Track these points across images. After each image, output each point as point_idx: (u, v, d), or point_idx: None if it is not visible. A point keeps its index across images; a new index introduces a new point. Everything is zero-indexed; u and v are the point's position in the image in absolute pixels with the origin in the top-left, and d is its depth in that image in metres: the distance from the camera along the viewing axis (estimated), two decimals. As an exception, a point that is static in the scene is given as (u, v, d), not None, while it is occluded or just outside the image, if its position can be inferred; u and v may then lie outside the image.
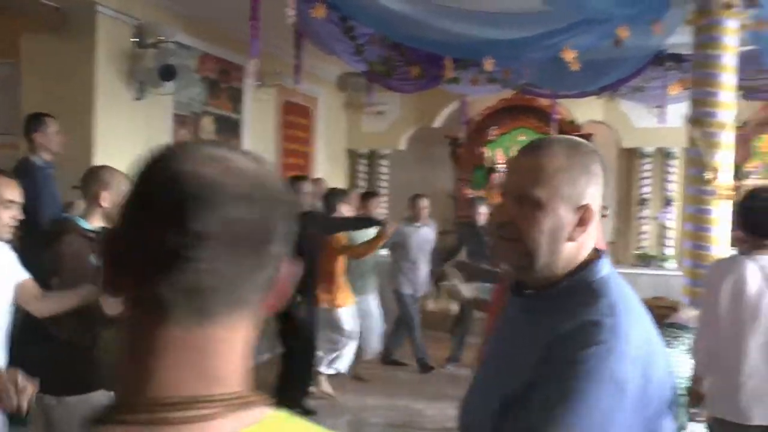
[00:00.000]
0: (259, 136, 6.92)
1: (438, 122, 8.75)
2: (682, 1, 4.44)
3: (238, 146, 0.79)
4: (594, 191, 1.30)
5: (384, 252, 6.44)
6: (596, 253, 1.33)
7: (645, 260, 8.16)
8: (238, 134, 6.63)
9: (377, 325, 6.20)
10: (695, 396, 3.09)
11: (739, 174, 8.39)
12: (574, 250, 1.30)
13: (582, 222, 1.28)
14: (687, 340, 3.65)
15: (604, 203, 1.33)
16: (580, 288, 1.28)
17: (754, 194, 3.14)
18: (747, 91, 6.15)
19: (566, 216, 1.28)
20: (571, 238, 1.28)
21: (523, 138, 8.67)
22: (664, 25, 4.78)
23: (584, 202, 1.28)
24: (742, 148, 8.08)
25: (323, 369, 5.58)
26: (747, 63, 5.32)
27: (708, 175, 4.42)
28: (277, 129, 7.40)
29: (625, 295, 1.27)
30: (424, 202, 6.46)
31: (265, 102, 7.09)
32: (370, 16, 4.95)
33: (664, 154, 8.19)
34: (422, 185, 8.18)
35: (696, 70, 4.57)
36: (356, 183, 8.95)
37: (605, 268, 1.31)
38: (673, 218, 8.02)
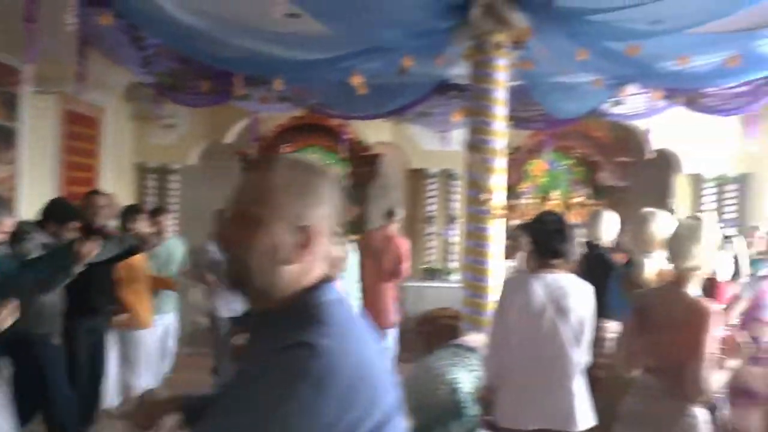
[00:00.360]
0: (37, 146, 6.39)
1: (229, 138, 8.64)
2: (461, 39, 4.80)
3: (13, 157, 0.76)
4: (320, 213, 1.28)
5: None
6: (326, 277, 1.31)
7: (431, 274, 8.70)
8: (13, 144, 6.09)
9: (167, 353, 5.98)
10: (486, 404, 3.32)
11: (513, 195, 9.26)
12: (295, 273, 1.26)
13: (303, 244, 1.25)
14: (473, 360, 3.93)
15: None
16: (298, 311, 1.24)
17: (541, 217, 3.43)
18: (517, 121, 6.79)
19: (284, 236, 1.25)
20: (290, 260, 1.25)
21: (314, 156, 8.88)
22: (445, 58, 5.17)
23: (305, 223, 1.25)
24: (515, 172, 8.89)
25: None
26: (517, 96, 5.91)
27: (484, 197, 4.81)
28: (58, 140, 6.88)
29: (344, 321, 1.25)
30: None
31: (45, 110, 6.59)
32: (159, 27, 4.83)
33: (448, 175, 8.78)
34: (214, 202, 8.07)
35: (472, 101, 4.96)
36: (145, 199, 8.57)
37: (330, 293, 1.28)
38: (456, 234, 8.58)
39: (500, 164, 4.92)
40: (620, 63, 4.71)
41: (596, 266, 4.57)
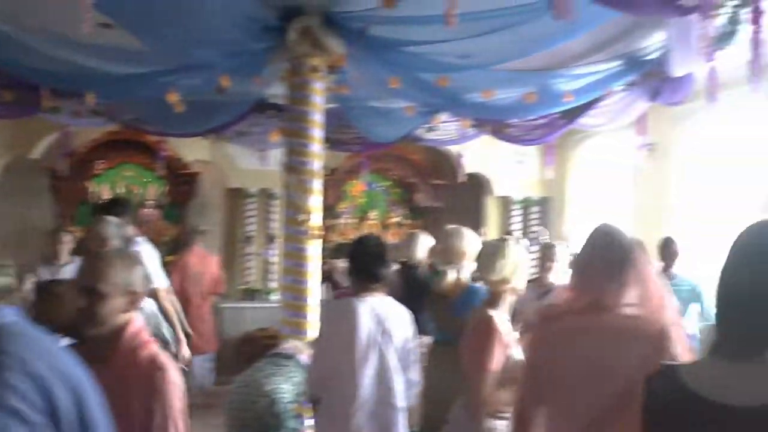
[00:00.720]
0: None
1: (36, 153, 7.97)
2: (278, 60, 4.83)
3: None
4: None
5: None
6: None
7: (250, 294, 8.59)
8: None
9: None
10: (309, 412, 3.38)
11: (332, 214, 9.41)
12: None
13: None
14: (292, 367, 3.93)
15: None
16: None
17: (362, 240, 3.48)
18: (335, 143, 6.94)
19: None
20: None
21: (130, 173, 8.49)
22: (263, 78, 5.18)
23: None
24: (334, 192, 9.06)
25: None
26: (335, 118, 6.05)
27: (302, 217, 4.85)
28: None
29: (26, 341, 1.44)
30: (67, 237, 5.90)
31: None
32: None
33: (267, 195, 8.74)
34: (18, 220, 7.48)
35: (289, 123, 5.00)
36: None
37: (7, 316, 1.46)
38: (275, 254, 8.55)
39: (317, 185, 4.99)
40: (430, 93, 4.97)
41: (413, 286, 4.78)
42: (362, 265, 3.32)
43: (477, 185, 9.18)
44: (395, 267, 4.98)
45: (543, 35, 4.01)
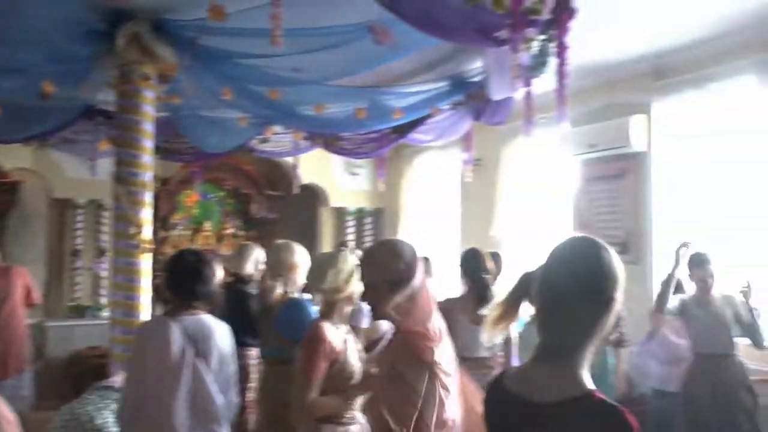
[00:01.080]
0: None
1: None
2: (106, 66, 4.67)
3: None
4: None
5: None
6: None
7: (79, 311, 8.13)
8: None
9: None
10: None
11: (166, 225, 9.14)
12: None
13: None
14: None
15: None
16: None
17: (179, 256, 3.31)
18: (167, 152, 6.77)
19: None
20: None
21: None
22: (90, 84, 4.97)
23: None
24: (168, 202, 8.81)
25: None
26: (166, 128, 5.91)
27: (133, 230, 4.70)
28: None
29: None
30: None
31: None
32: None
33: (97, 206, 8.35)
34: None
35: (119, 132, 4.82)
36: None
37: None
38: (107, 268, 8.16)
39: (148, 197, 4.85)
40: (262, 105, 5.00)
41: (243, 300, 4.76)
42: (179, 282, 3.17)
43: (312, 196, 9.30)
44: (226, 280, 4.91)
45: (370, 55, 4.17)
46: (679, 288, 4.85)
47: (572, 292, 1.61)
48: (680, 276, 4.75)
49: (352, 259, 3.38)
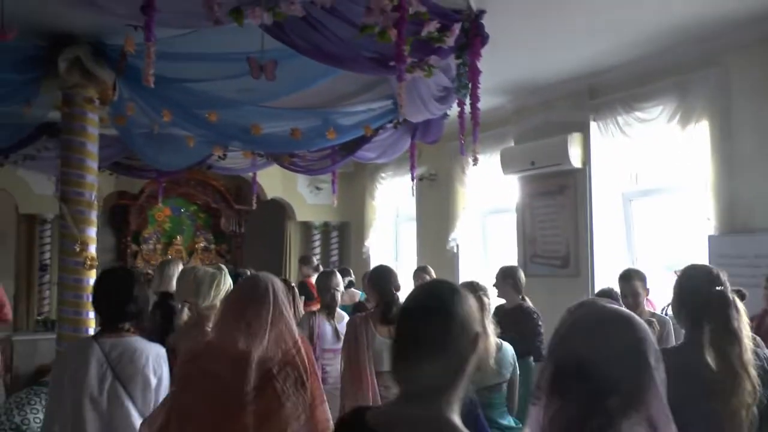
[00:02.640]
0: None
1: None
2: (51, 89, 4.74)
3: None
4: None
5: None
6: None
7: (47, 325, 8.13)
8: None
9: None
10: None
11: (138, 240, 9.19)
12: None
13: None
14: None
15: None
16: None
17: (105, 274, 3.18)
18: (128, 169, 6.84)
19: None
20: None
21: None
22: (35, 105, 5.04)
23: None
24: (138, 217, 8.87)
25: None
26: (124, 145, 5.99)
27: (78, 247, 4.75)
28: None
29: None
30: None
31: None
32: None
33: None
34: None
35: (64, 153, 4.88)
36: None
37: None
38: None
39: (93, 216, 4.91)
40: (200, 126, 5.07)
41: (167, 317, 4.71)
42: (105, 301, 3.01)
43: (279, 211, 9.36)
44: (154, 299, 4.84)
45: (305, 75, 4.26)
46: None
47: (437, 335, 1.55)
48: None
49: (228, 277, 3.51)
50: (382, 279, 4.05)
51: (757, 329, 3.80)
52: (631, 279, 4.54)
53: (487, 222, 7.55)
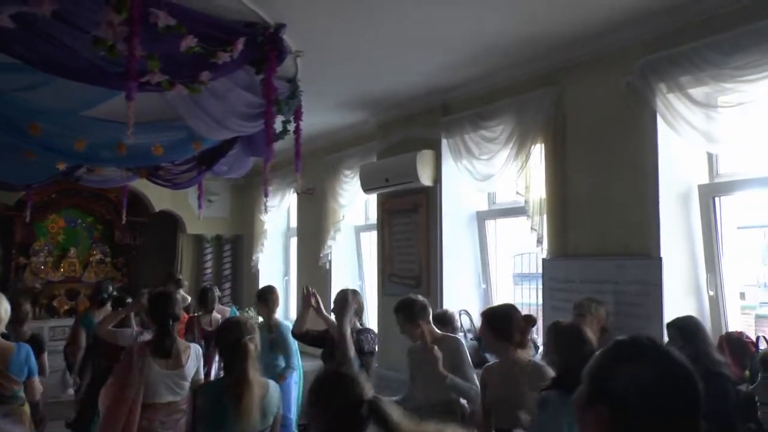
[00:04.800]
0: None
1: None
2: None
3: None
4: None
5: None
6: None
7: None
8: None
9: None
10: None
11: (27, 252, 8.74)
12: None
13: None
14: None
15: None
16: None
17: None
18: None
19: None
20: None
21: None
22: None
23: None
24: (23, 229, 8.43)
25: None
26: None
27: None
28: None
29: None
30: None
31: None
32: None
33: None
34: None
35: None
36: None
37: None
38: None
39: None
40: (22, 140, 4.70)
41: None
42: None
43: (172, 223, 8.99)
44: None
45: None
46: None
47: None
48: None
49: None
50: (161, 306, 3.70)
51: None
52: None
53: (362, 238, 7.26)
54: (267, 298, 5.30)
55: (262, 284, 8.39)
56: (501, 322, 3.34)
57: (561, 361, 3.01)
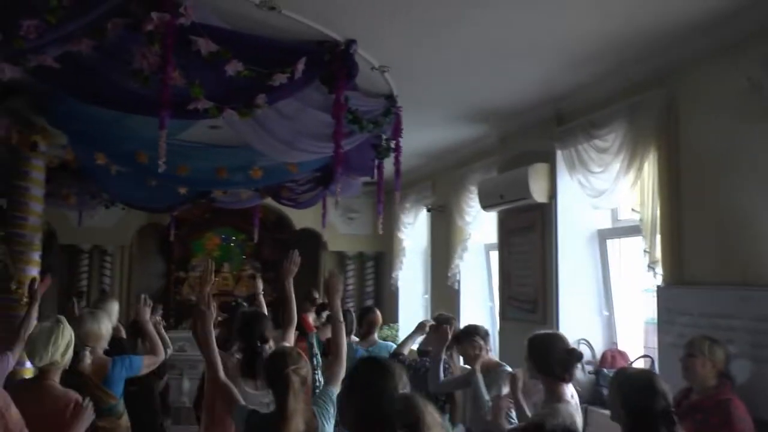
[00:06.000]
0: None
1: None
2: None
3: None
4: None
5: None
6: None
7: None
8: None
9: None
10: None
11: (186, 267, 9.50)
12: None
13: None
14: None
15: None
16: None
17: None
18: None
19: None
20: None
21: None
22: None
23: None
24: (180, 246, 9.16)
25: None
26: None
27: (13, 286, 4.93)
28: None
29: None
30: None
31: None
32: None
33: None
34: None
35: (10, 196, 5.07)
36: None
37: None
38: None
39: (35, 256, 5.06)
40: (137, 168, 5.08)
41: None
42: None
43: (314, 240, 9.26)
44: None
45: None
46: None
47: None
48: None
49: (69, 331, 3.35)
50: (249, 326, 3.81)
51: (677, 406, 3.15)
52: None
53: (492, 257, 6.95)
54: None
55: (402, 303, 8.42)
56: (539, 351, 3.08)
57: (627, 418, 2.60)
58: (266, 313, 4.98)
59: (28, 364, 3.89)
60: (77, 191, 7.05)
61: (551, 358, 3.15)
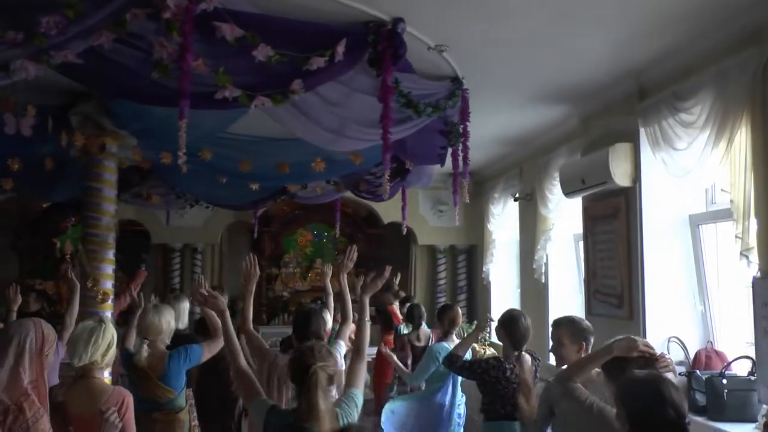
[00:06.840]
0: None
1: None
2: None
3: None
4: None
5: None
6: None
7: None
8: None
9: None
10: None
11: (278, 264, 9.62)
12: None
13: None
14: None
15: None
16: None
17: None
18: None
19: None
20: None
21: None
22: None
23: None
24: (271, 243, 9.29)
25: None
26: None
27: (90, 284, 5.09)
28: None
29: None
30: None
31: None
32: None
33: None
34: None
35: (84, 197, 5.24)
36: None
37: None
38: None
39: (109, 254, 5.21)
40: (200, 165, 5.11)
41: None
42: None
43: (402, 235, 9.09)
44: None
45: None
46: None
47: None
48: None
49: (111, 331, 3.35)
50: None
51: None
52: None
53: (581, 248, 6.48)
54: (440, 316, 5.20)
55: (493, 297, 8.10)
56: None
57: (632, 429, 2.28)
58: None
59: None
60: (163, 192, 7.28)
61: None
